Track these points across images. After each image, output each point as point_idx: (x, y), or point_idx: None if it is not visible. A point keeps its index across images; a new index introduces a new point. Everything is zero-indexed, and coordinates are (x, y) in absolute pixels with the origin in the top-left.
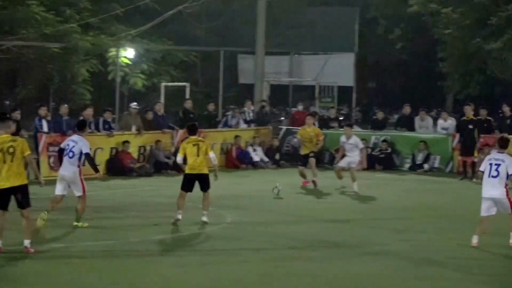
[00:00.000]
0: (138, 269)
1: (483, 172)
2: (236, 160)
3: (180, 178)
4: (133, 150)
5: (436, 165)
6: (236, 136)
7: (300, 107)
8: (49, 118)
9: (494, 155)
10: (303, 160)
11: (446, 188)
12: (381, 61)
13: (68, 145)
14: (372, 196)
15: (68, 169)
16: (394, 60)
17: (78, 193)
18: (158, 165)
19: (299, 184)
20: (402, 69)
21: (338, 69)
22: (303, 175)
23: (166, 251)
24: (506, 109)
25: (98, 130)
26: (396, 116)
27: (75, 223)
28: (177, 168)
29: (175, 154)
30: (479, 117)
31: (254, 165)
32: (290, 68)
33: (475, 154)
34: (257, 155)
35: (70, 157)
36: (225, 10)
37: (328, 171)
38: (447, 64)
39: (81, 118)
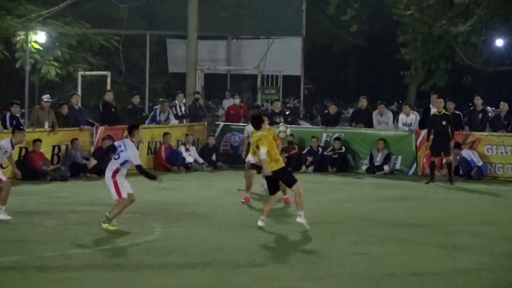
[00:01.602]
0: (52, 286)
1: None
2: (166, 161)
3: (100, 183)
4: (45, 150)
5: (398, 166)
6: (166, 134)
7: (236, 100)
8: None
9: None
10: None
11: (409, 193)
12: (332, 46)
13: None
14: (324, 204)
15: None
16: (348, 46)
17: None
18: (75, 167)
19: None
20: (357, 56)
21: (283, 55)
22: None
23: (86, 266)
24: (478, 101)
25: (5, 127)
26: (350, 111)
27: None
28: (97, 171)
29: (94, 154)
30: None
31: (187, 167)
32: (228, 55)
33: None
34: (191, 155)
35: None
36: None
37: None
38: (409, 50)
39: None
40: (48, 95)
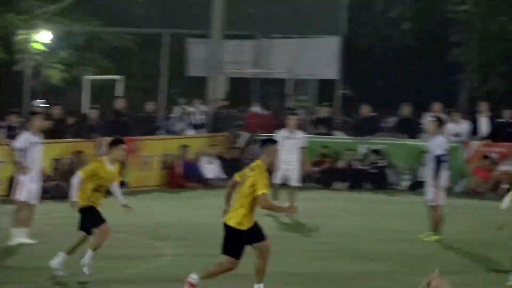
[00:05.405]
0: None
1: None
2: (182, 177)
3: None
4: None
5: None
6: (184, 146)
7: (257, 108)
8: None
9: None
10: None
11: (460, 214)
12: (375, 46)
13: None
14: (358, 225)
15: None
16: (393, 46)
17: None
18: None
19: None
20: (402, 57)
21: (318, 57)
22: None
23: None
24: None
25: None
26: (392, 119)
27: None
28: None
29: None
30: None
31: (206, 183)
32: (256, 56)
33: None
34: (213, 170)
35: None
36: None
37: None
38: (463, 50)
39: None
40: (41, 100)
